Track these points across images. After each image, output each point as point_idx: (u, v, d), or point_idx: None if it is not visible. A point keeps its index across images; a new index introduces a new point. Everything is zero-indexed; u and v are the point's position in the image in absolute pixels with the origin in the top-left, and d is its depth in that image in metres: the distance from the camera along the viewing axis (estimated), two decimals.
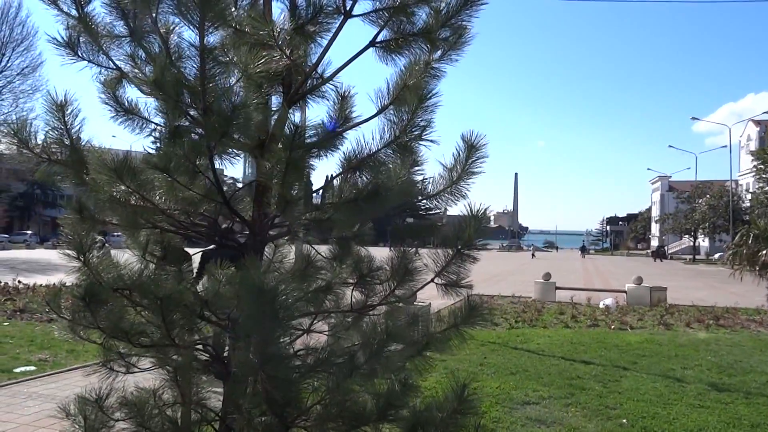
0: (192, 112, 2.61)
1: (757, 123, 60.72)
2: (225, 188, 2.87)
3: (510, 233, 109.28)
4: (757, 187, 49.01)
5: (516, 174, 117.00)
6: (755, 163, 48.72)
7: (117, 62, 2.94)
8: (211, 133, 2.37)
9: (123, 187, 2.48)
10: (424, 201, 3.09)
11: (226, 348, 2.89)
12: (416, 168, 2.95)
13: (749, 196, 51.94)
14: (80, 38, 2.88)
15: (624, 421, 5.76)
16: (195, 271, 3.08)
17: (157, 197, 2.66)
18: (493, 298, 16.46)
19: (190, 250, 3.23)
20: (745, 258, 14.67)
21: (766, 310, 14.13)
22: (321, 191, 2.87)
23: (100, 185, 2.53)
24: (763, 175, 47.26)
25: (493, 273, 28.62)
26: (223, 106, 2.29)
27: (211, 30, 2.43)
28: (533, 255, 60.67)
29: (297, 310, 2.48)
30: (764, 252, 13.99)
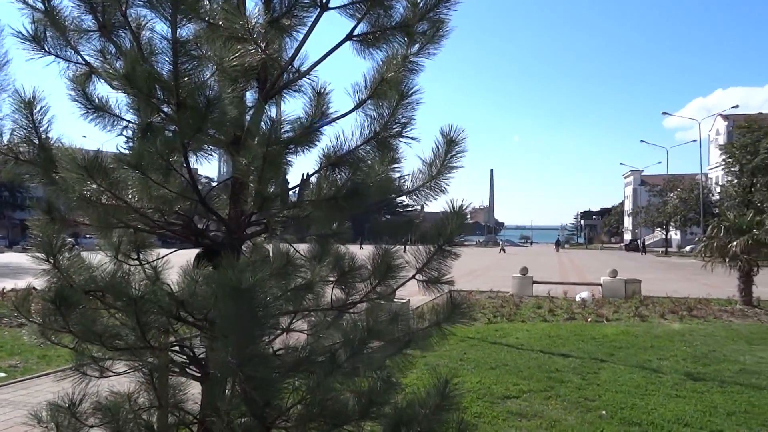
0: (165, 108, 2.54)
1: (726, 118, 62.09)
2: (200, 186, 2.81)
3: (486, 229, 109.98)
4: (726, 180, 50.14)
5: (492, 170, 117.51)
6: (723, 157, 49.83)
7: (86, 57, 2.86)
8: (185, 129, 2.30)
9: (94, 186, 2.40)
10: (403, 198, 3.06)
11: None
12: (396, 164, 2.92)
13: (719, 190, 53.10)
14: (47, 32, 2.78)
15: (603, 412, 5.82)
16: None
17: (130, 196, 2.58)
18: (471, 293, 16.52)
19: (165, 250, 3.15)
20: (717, 250, 15.02)
21: (737, 301, 14.43)
22: (299, 188, 2.82)
23: (70, 184, 2.45)
24: (732, 169, 48.38)
25: (471, 268, 28.78)
26: (196, 101, 2.22)
27: (183, 23, 2.36)
28: (502, 250, 60.91)
29: (275, 309, 2.43)
30: (734, 244, 14.33)
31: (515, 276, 17.65)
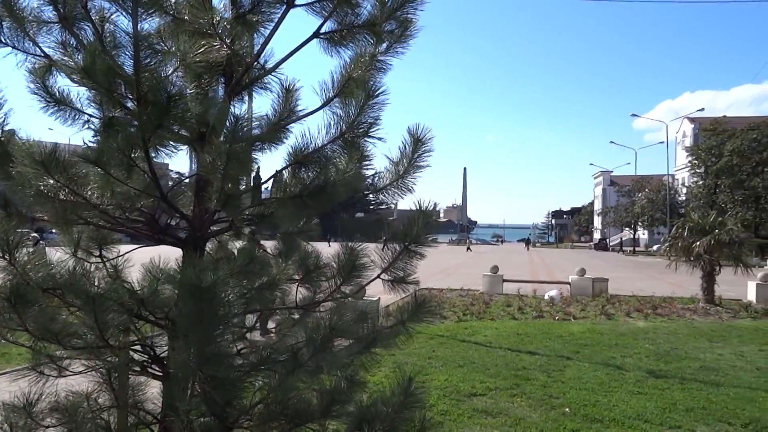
0: (129, 103, 2.50)
1: (692, 120, 63.51)
2: (170, 183, 2.78)
3: (459, 227, 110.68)
4: (692, 181, 51.34)
5: (465, 168, 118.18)
6: (690, 158, 51.00)
7: (46, 50, 2.78)
8: (145, 125, 2.26)
9: (51, 181, 2.35)
10: (373, 196, 3.07)
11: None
12: (364, 162, 2.92)
13: (685, 190, 54.34)
14: (3, 23, 2.70)
15: (567, 409, 5.92)
16: None
17: (89, 192, 2.53)
18: (442, 291, 16.63)
19: (131, 246, 3.10)
20: (681, 249, 15.38)
21: (700, 299, 14.81)
22: (265, 186, 2.80)
23: (26, 179, 2.39)
24: (697, 170, 49.54)
25: (443, 267, 28.94)
26: (158, 96, 2.19)
27: (145, 16, 2.32)
28: (468, 248, 60.92)
29: (238, 308, 2.41)
30: (698, 244, 14.69)
31: (486, 274, 17.80)
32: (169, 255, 2.84)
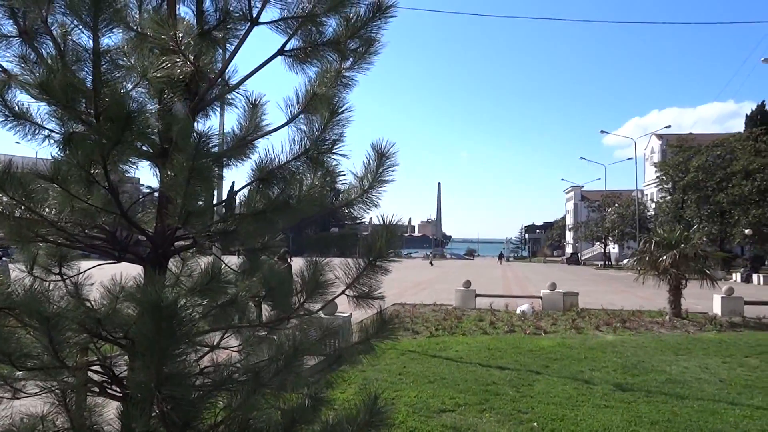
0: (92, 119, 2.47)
1: (660, 137, 65.06)
2: (141, 197, 2.75)
3: (434, 242, 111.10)
4: (660, 196, 52.48)
5: (439, 183, 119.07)
6: (658, 174, 52.19)
7: (5, 64, 2.74)
8: (103, 141, 2.24)
9: (6, 198, 2.30)
10: (347, 211, 3.08)
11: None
12: (337, 178, 2.93)
13: (653, 205, 55.50)
14: None
15: (534, 424, 5.95)
16: None
17: (47, 209, 2.49)
18: (415, 306, 16.64)
19: (94, 263, 3.05)
20: (648, 263, 15.66)
21: (667, 312, 15.07)
22: (229, 202, 2.78)
23: None
24: (665, 186, 50.70)
25: (417, 281, 28.97)
26: (116, 112, 2.17)
27: (105, 31, 2.30)
28: (431, 263, 60.05)
29: (197, 326, 2.38)
30: (664, 258, 14.99)
31: (458, 289, 17.87)
32: (133, 272, 2.80)
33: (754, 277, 34.42)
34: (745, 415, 6.43)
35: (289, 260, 8.37)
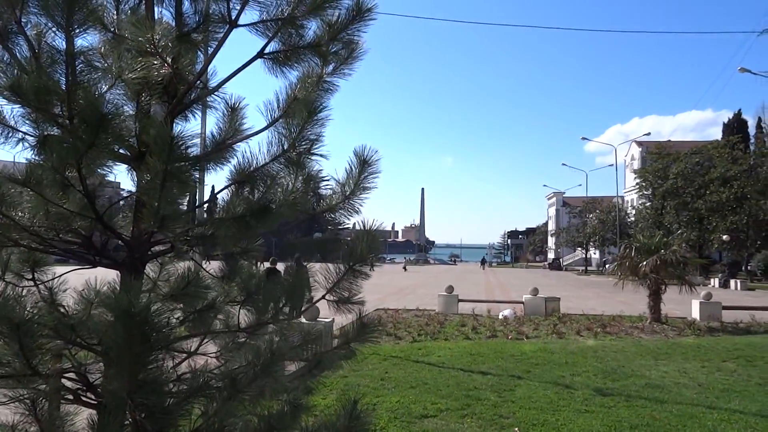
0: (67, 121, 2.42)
1: (640, 144, 65.94)
2: (122, 201, 2.71)
3: (417, 247, 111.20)
4: (640, 203, 53.12)
5: (423, 189, 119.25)
6: (638, 180, 52.82)
7: None
8: (77, 144, 2.19)
9: None
10: (329, 216, 3.06)
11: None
12: (312, 183, 2.91)
13: (633, 212, 56.15)
14: None
15: (516, 429, 5.96)
16: None
17: (20, 213, 2.44)
18: (398, 311, 16.62)
19: (63, 268, 2.99)
20: (628, 269, 15.83)
21: (647, 317, 15.22)
22: (207, 205, 2.75)
23: None
24: (645, 192, 51.32)
25: (401, 286, 28.97)
26: (90, 114, 2.13)
27: (80, 32, 2.26)
28: (404, 268, 57.77)
29: (172, 332, 2.34)
30: (644, 263, 15.15)
31: (441, 294, 17.88)
32: (110, 277, 2.75)
33: (732, 282, 34.95)
34: (722, 418, 6.50)
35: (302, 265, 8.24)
